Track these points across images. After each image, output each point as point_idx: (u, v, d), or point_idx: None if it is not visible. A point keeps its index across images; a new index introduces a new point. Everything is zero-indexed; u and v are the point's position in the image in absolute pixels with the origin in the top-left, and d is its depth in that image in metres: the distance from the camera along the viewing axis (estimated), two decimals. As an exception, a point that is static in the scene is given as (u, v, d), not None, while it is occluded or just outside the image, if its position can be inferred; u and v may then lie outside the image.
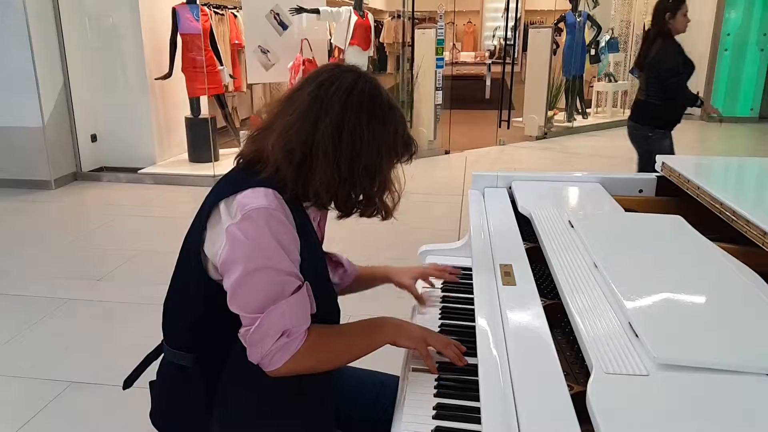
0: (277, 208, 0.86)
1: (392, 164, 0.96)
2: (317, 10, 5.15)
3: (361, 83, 0.91)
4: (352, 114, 0.89)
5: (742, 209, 1.09)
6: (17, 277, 2.99)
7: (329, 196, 0.91)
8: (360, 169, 0.90)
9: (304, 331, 0.87)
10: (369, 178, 0.91)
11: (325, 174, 0.89)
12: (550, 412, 0.67)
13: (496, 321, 0.89)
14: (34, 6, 4.36)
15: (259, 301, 0.84)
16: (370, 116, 0.90)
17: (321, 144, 0.88)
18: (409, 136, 0.97)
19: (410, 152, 0.98)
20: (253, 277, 0.84)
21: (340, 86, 0.90)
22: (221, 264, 0.87)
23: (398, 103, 0.96)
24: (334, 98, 0.89)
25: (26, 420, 1.86)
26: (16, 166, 4.61)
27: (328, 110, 0.89)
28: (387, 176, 0.95)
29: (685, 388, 0.65)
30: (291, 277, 0.86)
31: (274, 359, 0.86)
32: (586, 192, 1.50)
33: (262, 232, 0.84)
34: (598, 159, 5.90)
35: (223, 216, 0.88)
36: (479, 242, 1.23)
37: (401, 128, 0.95)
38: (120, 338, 2.37)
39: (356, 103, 0.89)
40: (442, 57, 5.77)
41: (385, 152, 0.92)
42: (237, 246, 0.85)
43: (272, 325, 0.84)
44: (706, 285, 0.90)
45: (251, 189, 0.87)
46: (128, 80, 4.93)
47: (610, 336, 0.76)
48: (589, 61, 7.52)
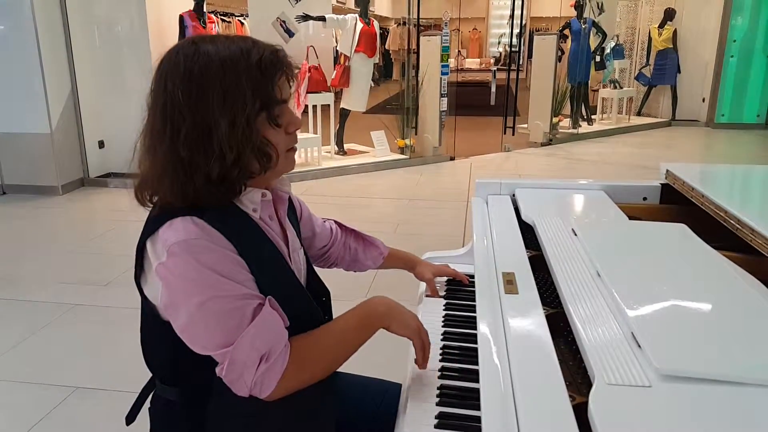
0: (198, 237, 0.78)
1: (242, 105, 0.78)
2: (323, 18, 5.19)
3: (179, 47, 0.82)
4: (169, 80, 0.79)
5: (747, 218, 1.09)
6: (24, 283, 3.01)
7: (179, 190, 0.80)
8: (188, 136, 0.78)
9: (283, 348, 0.80)
10: (204, 139, 0.78)
11: (158, 164, 0.80)
12: (551, 423, 0.66)
13: (498, 329, 0.89)
14: (42, 13, 4.41)
15: (218, 335, 0.77)
16: (186, 70, 0.78)
17: (152, 134, 0.81)
18: (258, 59, 0.80)
19: (275, 74, 0.81)
20: (201, 313, 0.77)
21: (161, 64, 0.82)
22: (164, 309, 0.82)
23: (236, 44, 0.81)
24: (157, 77, 0.81)
25: (32, 425, 1.87)
26: (23, 171, 4.65)
27: (157, 95, 0.81)
28: (240, 123, 0.78)
29: (689, 399, 0.65)
30: (246, 300, 0.79)
31: (264, 387, 0.79)
32: (589, 200, 1.49)
33: (192, 266, 0.77)
34: (602, 166, 5.89)
35: (150, 256, 0.82)
36: (482, 250, 1.23)
37: (239, 60, 0.79)
38: (126, 344, 2.38)
39: (172, 67, 0.80)
40: (447, 64, 5.78)
41: (219, 98, 0.77)
42: (171, 287, 0.78)
43: (246, 356, 0.77)
44: (710, 294, 0.90)
45: (167, 223, 0.79)
46: (136, 87, 4.96)
47: (613, 346, 0.75)
48: (594, 68, 7.52)
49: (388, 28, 11.27)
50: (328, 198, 4.56)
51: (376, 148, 5.84)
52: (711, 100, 8.04)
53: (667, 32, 7.99)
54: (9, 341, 2.39)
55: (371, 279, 2.95)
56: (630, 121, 8.18)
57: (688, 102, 8.25)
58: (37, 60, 4.40)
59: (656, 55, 8.15)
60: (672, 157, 6.34)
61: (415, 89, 5.95)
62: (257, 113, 0.80)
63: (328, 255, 1.24)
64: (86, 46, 4.82)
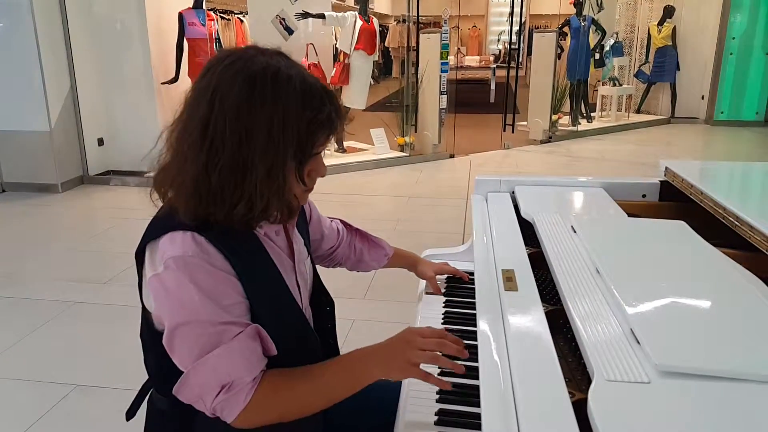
0: (195, 254, 0.76)
1: (283, 159, 0.76)
2: (322, 15, 5.18)
3: (245, 58, 0.76)
4: (221, 98, 0.74)
5: (746, 215, 1.09)
6: (24, 281, 3.01)
7: (193, 211, 0.77)
8: (223, 167, 0.74)
9: (249, 381, 0.77)
10: (237, 178, 0.75)
11: (183, 181, 0.76)
12: (551, 419, 0.66)
13: (498, 326, 0.89)
14: (41, 10, 4.40)
15: (192, 357, 0.76)
16: (243, 97, 0.74)
17: (186, 145, 0.76)
18: (314, 116, 0.77)
19: (319, 137, 0.79)
20: (181, 333, 0.76)
21: (216, 70, 0.76)
22: (155, 317, 0.83)
23: (306, 76, 0.78)
24: (207, 87, 0.76)
25: (32, 422, 1.87)
26: (23, 169, 4.65)
27: (200, 103, 0.76)
28: (275, 174, 0.76)
29: (688, 395, 0.65)
30: (226, 326, 0.76)
31: (224, 413, 0.77)
32: (589, 197, 1.49)
33: (182, 284, 0.75)
34: (602, 163, 5.89)
35: (147, 265, 0.81)
36: (481, 247, 1.23)
37: (296, 107, 0.75)
38: (126, 341, 2.38)
39: (228, 83, 0.74)
40: (446, 61, 5.78)
41: (267, 141, 0.74)
42: (160, 300, 0.78)
43: (203, 381, 0.76)
44: (709, 291, 0.90)
45: (169, 234, 0.78)
46: (135, 84, 4.96)
47: (612, 342, 0.76)
48: (594, 65, 7.51)
49: (388, 26, 11.25)
50: (328, 196, 4.55)
51: (375, 145, 5.84)
52: (710, 98, 8.04)
53: (667, 29, 7.98)
54: (9, 339, 2.39)
55: (370, 278, 2.95)
56: (629, 118, 8.17)
57: (688, 99, 8.24)
58: (36, 58, 4.39)
59: (655, 52, 8.15)
60: (671, 155, 6.34)
61: (415, 87, 5.94)
62: (292, 167, 0.79)
63: (333, 255, 1.23)
64: (85, 44, 4.81)
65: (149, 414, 0.96)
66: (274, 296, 0.85)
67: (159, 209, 0.86)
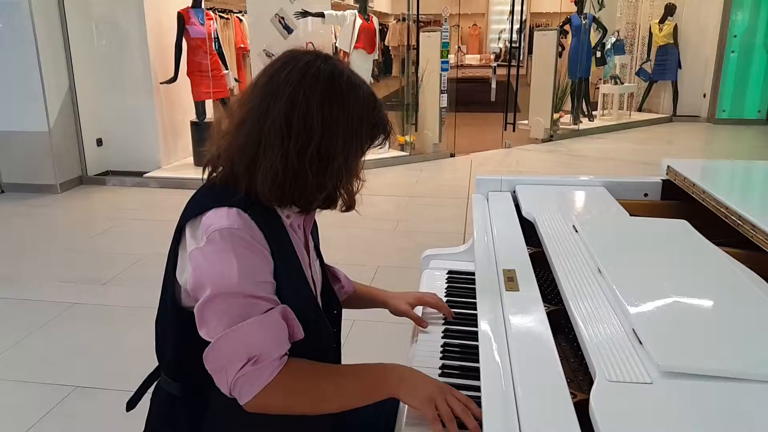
0: (241, 228, 0.81)
1: (356, 150, 0.87)
2: (322, 14, 5.17)
3: (319, 62, 0.84)
4: (304, 95, 0.81)
5: (748, 214, 1.08)
6: (23, 281, 3.01)
7: (278, 191, 0.83)
8: (312, 156, 0.82)
9: (276, 359, 0.79)
10: (323, 165, 0.83)
11: (271, 165, 0.81)
12: (552, 420, 0.66)
13: (499, 326, 0.88)
14: (40, 11, 4.40)
15: (223, 325, 0.78)
16: (326, 96, 0.82)
17: (270, 132, 0.81)
18: (377, 118, 0.88)
19: (379, 136, 0.90)
20: (216, 303, 0.79)
21: (294, 68, 0.83)
22: (191, 290, 0.83)
23: (365, 84, 0.88)
24: (287, 82, 0.82)
25: (31, 424, 1.87)
26: (22, 170, 4.65)
27: (281, 96, 0.82)
28: (349, 164, 0.86)
29: (690, 396, 0.64)
30: (257, 300, 0.79)
31: (243, 390, 0.77)
32: (590, 196, 1.49)
33: (225, 255, 0.79)
34: (604, 162, 5.88)
35: (188, 240, 0.84)
36: (482, 247, 1.22)
37: (366, 110, 0.86)
38: (125, 342, 2.38)
39: (310, 83, 0.82)
40: (447, 60, 5.77)
41: (343, 137, 0.83)
42: (199, 270, 0.80)
43: (232, 349, 0.77)
44: (711, 291, 0.89)
45: (213, 210, 0.82)
46: (134, 84, 4.96)
47: (614, 343, 0.75)
48: (595, 64, 7.51)
49: (388, 24, 11.24)
50: (327, 195, 4.54)
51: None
52: (712, 96, 8.03)
53: (668, 28, 7.97)
54: (8, 340, 2.39)
55: (370, 278, 2.95)
56: (631, 117, 8.16)
57: (689, 98, 8.23)
58: (35, 58, 4.39)
59: (657, 50, 8.13)
60: (673, 153, 6.33)
61: (415, 85, 5.94)
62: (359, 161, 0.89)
63: None
64: (84, 44, 4.81)
65: (155, 404, 0.96)
66: (297, 279, 0.89)
67: (198, 190, 0.90)
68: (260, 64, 5.06)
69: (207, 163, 0.89)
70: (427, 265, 1.43)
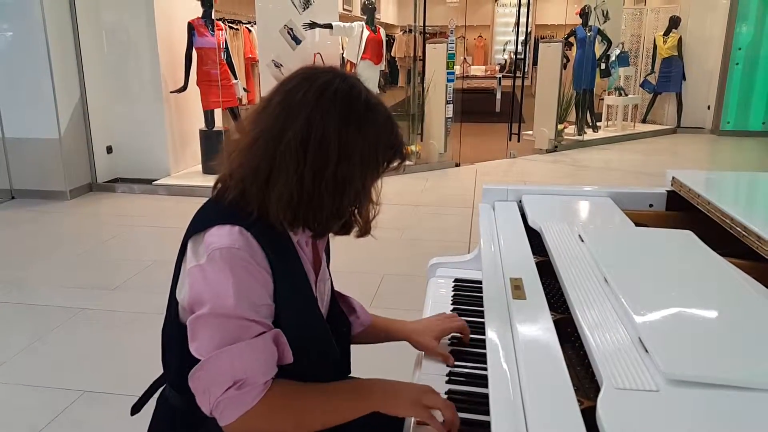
0: (242, 247, 0.79)
1: (372, 174, 0.85)
2: (330, 25, 5.22)
3: (337, 83, 0.81)
4: (321, 117, 0.79)
5: (754, 225, 1.09)
6: (32, 287, 3.04)
7: (291, 214, 0.81)
8: (327, 180, 0.80)
9: (261, 384, 0.78)
10: (339, 189, 0.81)
11: (285, 188, 0.79)
12: (560, 428, 0.67)
13: (507, 335, 0.89)
14: (52, 18, 4.46)
15: (213, 345, 0.77)
16: (343, 119, 0.80)
17: (285, 154, 0.79)
18: (394, 142, 0.86)
19: (396, 160, 0.87)
20: (209, 320, 0.78)
21: (311, 88, 0.80)
22: (188, 306, 0.82)
23: (383, 105, 0.86)
24: (303, 102, 0.80)
25: (40, 428, 1.88)
26: (32, 176, 4.69)
27: (297, 116, 0.79)
28: (366, 188, 0.85)
29: (696, 404, 0.65)
30: (250, 323, 0.78)
31: (225, 413, 0.77)
32: (596, 206, 1.50)
33: (224, 275, 0.78)
34: (608, 172, 5.88)
35: (189, 256, 0.83)
36: (489, 256, 1.24)
37: (384, 133, 0.84)
38: (133, 348, 2.39)
39: (327, 105, 0.79)
40: (452, 71, 5.81)
41: (360, 161, 0.81)
42: (197, 287, 0.79)
43: (219, 370, 0.77)
44: (716, 300, 0.90)
45: (217, 226, 0.81)
46: (144, 93, 5.01)
47: (620, 351, 0.76)
48: (600, 75, 7.52)
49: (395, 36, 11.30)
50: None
51: (381, 154, 5.85)
52: (716, 108, 8.03)
53: (672, 40, 7.99)
54: (17, 345, 2.41)
55: (376, 286, 2.96)
56: (635, 128, 8.16)
57: (694, 109, 8.23)
58: (46, 65, 4.45)
59: (661, 62, 8.15)
60: (677, 164, 6.33)
61: (421, 96, 5.97)
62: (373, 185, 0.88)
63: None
64: (95, 52, 4.87)
65: (158, 412, 0.96)
66: (303, 300, 0.88)
67: (203, 204, 0.88)
68: (269, 74, 5.13)
69: (218, 181, 0.88)
70: (433, 274, 1.44)
